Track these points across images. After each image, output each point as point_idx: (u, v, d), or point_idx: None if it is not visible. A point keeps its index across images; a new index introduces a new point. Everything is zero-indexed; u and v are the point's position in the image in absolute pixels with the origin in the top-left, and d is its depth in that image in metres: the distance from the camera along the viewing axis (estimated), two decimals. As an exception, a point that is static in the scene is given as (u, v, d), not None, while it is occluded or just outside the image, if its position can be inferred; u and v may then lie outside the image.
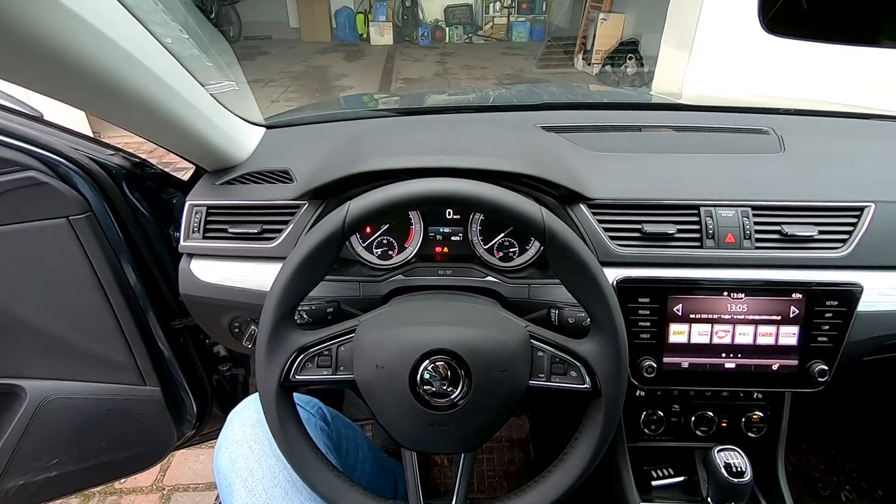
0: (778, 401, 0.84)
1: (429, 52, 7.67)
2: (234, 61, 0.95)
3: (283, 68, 6.54)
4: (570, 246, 0.57)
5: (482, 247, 0.84)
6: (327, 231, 0.58)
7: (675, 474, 0.87)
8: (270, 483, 0.66)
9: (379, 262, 0.84)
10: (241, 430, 0.71)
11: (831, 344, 0.74)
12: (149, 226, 0.89)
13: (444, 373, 0.58)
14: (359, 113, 1.12)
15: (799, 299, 0.73)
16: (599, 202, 0.76)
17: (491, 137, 0.85)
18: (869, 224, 0.74)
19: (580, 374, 0.60)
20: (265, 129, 0.94)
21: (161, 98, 0.61)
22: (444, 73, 6.53)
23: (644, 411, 0.85)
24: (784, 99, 1.20)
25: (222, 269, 0.80)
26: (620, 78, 5.35)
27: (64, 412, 0.93)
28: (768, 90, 2.92)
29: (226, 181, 0.82)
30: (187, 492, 1.41)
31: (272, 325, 0.59)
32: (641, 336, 0.75)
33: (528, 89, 1.93)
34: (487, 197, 0.57)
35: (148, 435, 1.00)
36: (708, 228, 0.74)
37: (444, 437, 0.60)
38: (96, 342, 0.89)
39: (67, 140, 0.81)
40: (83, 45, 0.47)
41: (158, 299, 0.93)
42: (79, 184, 0.79)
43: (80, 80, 0.50)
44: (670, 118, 1.04)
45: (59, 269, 0.83)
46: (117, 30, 0.50)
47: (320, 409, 0.81)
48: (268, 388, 0.59)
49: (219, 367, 1.11)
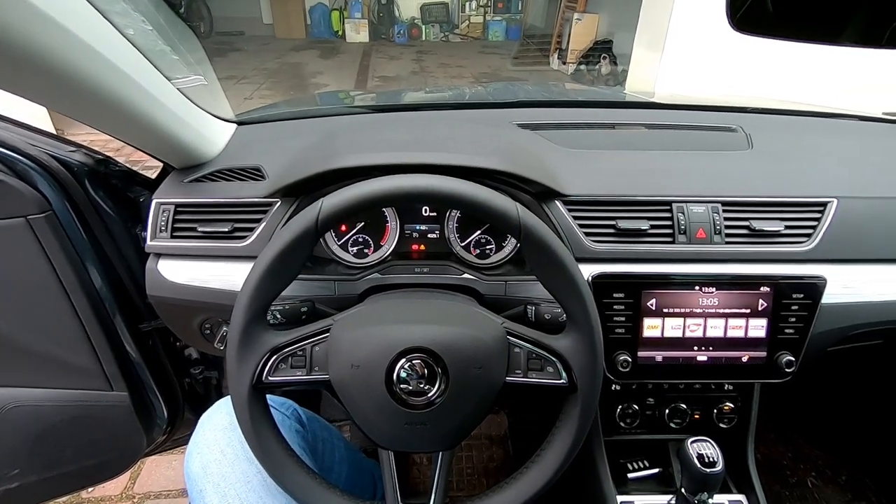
0: (748, 392, 0.86)
1: (405, 50, 7.64)
2: (203, 57, 0.92)
3: (257, 65, 6.42)
4: (545, 242, 0.57)
5: (459, 244, 0.84)
6: (300, 228, 0.57)
7: (649, 466, 0.89)
8: (244, 488, 0.64)
9: (354, 261, 0.83)
10: (212, 435, 0.70)
11: (797, 336, 0.76)
12: (114, 225, 0.85)
13: (421, 371, 0.57)
14: (333, 110, 1.11)
15: (767, 293, 0.75)
16: (574, 199, 0.77)
17: (466, 134, 0.85)
18: (832, 219, 0.77)
19: (556, 369, 0.60)
20: (236, 125, 0.91)
21: (124, 92, 0.59)
22: (420, 72, 6.51)
23: (619, 405, 0.86)
24: (752, 98, 1.23)
25: (191, 269, 0.78)
26: (595, 77, 5.43)
27: (26, 420, 0.89)
28: (738, 90, 3.00)
29: (195, 178, 0.79)
30: (159, 499, 1.37)
31: (243, 326, 0.57)
32: (616, 331, 0.76)
33: (504, 87, 1.94)
34: (462, 193, 0.57)
35: (116, 442, 0.96)
36: (680, 224, 0.76)
37: (422, 436, 0.59)
38: (59, 347, 0.86)
39: (24, 136, 0.78)
40: (34, 34, 0.44)
41: (125, 301, 0.89)
42: (38, 182, 0.76)
43: (35, 73, 0.48)
44: (643, 116, 1.06)
45: (18, 271, 0.79)
46: (72, 18, 0.48)
47: (295, 411, 0.79)
48: (240, 390, 0.58)
49: (190, 370, 1.08)
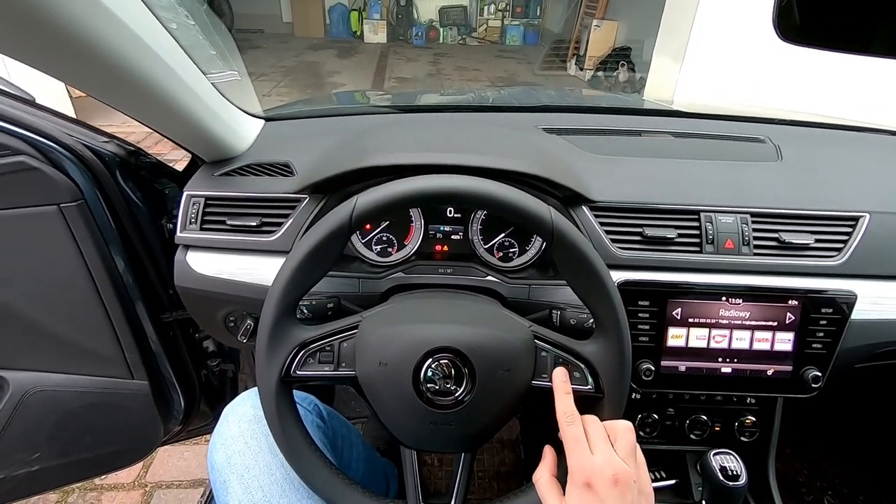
0: (770, 406, 0.85)
1: (422, 52, 7.66)
2: (235, 53, 0.93)
3: (275, 63, 6.48)
4: (577, 247, 0.57)
5: (482, 246, 0.84)
6: (334, 224, 0.57)
7: (666, 477, 0.88)
8: (267, 480, 0.64)
9: (378, 259, 0.83)
10: (236, 427, 0.70)
11: (825, 351, 0.75)
12: (141, 216, 0.86)
13: (448, 371, 0.57)
14: (360, 108, 1.12)
15: (795, 306, 0.74)
16: (602, 205, 0.76)
17: (495, 137, 0.85)
18: (863, 234, 0.76)
19: (583, 375, 0.60)
20: (264, 121, 0.92)
21: (164, 83, 0.59)
22: (437, 74, 6.53)
23: (639, 414, 0.85)
24: (777, 110, 1.22)
25: (219, 261, 0.78)
26: (612, 84, 5.40)
27: (47, 405, 0.90)
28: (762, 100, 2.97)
29: (224, 172, 0.80)
30: (170, 489, 1.38)
31: (275, 319, 0.57)
32: (640, 339, 0.75)
33: (527, 91, 1.93)
34: (496, 195, 0.57)
35: (134, 430, 0.97)
36: (708, 234, 0.75)
37: (446, 436, 0.59)
38: (83, 334, 0.87)
39: (60, 125, 0.79)
40: (91, 23, 0.45)
41: (149, 292, 0.90)
42: (71, 170, 0.77)
43: (86, 60, 0.48)
44: (668, 124, 1.05)
45: (48, 258, 0.80)
46: (126, 10, 0.49)
47: (317, 406, 0.80)
48: (268, 383, 0.58)
49: (207, 362, 1.08)
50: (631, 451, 0.52)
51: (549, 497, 0.52)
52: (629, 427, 0.54)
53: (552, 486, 0.53)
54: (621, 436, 0.53)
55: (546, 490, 0.53)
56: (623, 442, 0.52)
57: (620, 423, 0.54)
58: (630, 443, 0.52)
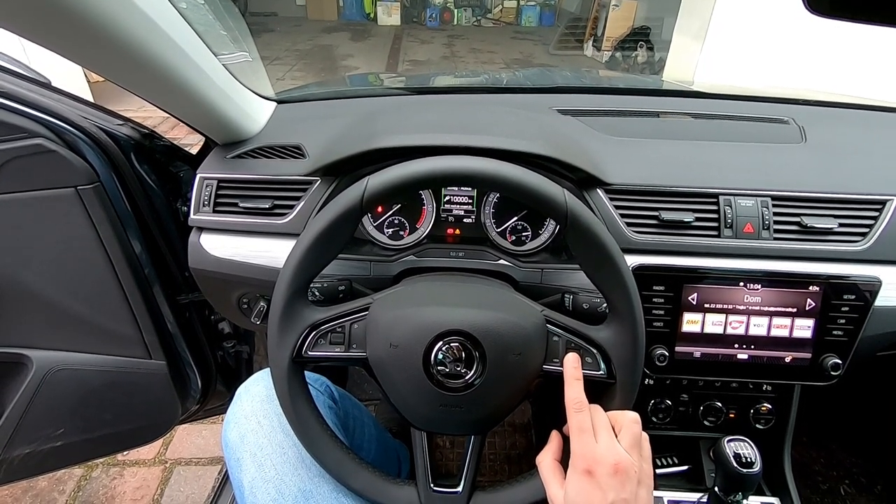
0: (787, 393, 0.84)
1: (436, 34, 7.56)
2: (247, 34, 0.92)
3: (289, 46, 6.45)
4: (592, 230, 0.56)
5: (494, 230, 0.83)
6: (345, 206, 0.57)
7: (679, 463, 0.88)
8: (280, 458, 0.65)
9: (390, 242, 0.83)
10: (249, 406, 0.71)
11: (846, 338, 0.73)
12: (156, 199, 0.87)
13: (459, 354, 0.57)
14: (372, 90, 1.10)
15: (816, 292, 0.72)
16: (617, 188, 0.75)
17: (508, 118, 0.84)
18: (890, 218, 0.73)
19: (595, 360, 0.59)
20: (276, 103, 0.92)
21: (176, 65, 0.59)
22: (451, 56, 6.44)
23: (652, 400, 0.84)
24: (802, 90, 1.17)
25: (232, 243, 0.79)
26: (630, 65, 5.28)
27: (70, 383, 0.93)
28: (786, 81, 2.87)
29: (237, 155, 0.80)
30: (189, 466, 1.42)
31: (286, 300, 0.58)
32: (654, 324, 0.74)
33: (542, 72, 1.90)
34: (510, 176, 0.56)
35: (153, 408, 1.00)
36: (726, 218, 0.73)
37: (456, 419, 0.59)
38: (103, 314, 0.89)
39: (76, 108, 0.79)
40: (104, 4, 0.45)
41: (165, 273, 0.92)
42: (87, 153, 0.78)
43: (99, 42, 0.49)
44: (688, 105, 1.02)
45: (67, 240, 0.82)
46: None
47: (328, 387, 0.80)
48: (280, 363, 0.59)
49: (223, 343, 1.10)
50: (635, 442, 0.52)
51: (551, 480, 0.53)
52: (636, 419, 0.54)
53: (554, 470, 0.54)
54: (627, 427, 0.53)
55: (548, 473, 0.54)
56: (628, 433, 0.52)
57: (628, 415, 0.55)
58: (635, 434, 0.53)
